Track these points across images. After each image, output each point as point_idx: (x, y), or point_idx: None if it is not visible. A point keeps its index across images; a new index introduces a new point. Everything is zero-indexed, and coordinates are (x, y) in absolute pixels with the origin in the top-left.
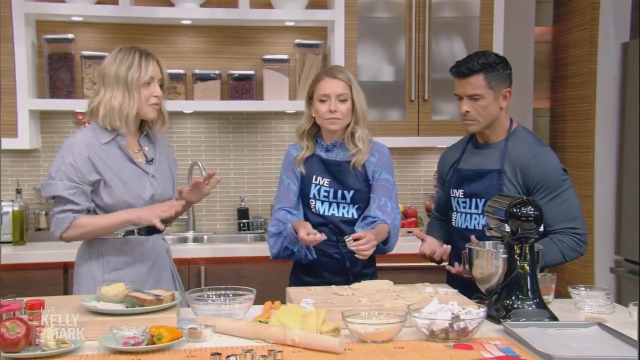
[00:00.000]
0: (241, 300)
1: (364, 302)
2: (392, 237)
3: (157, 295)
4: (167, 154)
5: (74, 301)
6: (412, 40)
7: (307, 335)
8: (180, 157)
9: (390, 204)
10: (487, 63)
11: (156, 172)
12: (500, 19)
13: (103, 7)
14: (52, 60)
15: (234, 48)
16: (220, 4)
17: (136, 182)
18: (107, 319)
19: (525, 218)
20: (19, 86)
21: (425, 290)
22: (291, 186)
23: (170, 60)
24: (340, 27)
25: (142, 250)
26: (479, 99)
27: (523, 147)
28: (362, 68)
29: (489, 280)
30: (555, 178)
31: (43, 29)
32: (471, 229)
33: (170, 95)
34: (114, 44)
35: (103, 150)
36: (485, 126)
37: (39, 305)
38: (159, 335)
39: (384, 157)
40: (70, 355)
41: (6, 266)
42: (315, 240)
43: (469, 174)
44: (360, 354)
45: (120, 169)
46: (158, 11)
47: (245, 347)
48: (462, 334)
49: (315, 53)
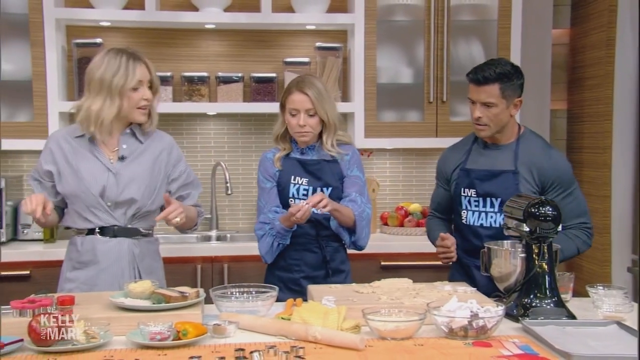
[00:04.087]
0: (264, 297)
1: (384, 300)
2: (360, 228)
3: (182, 292)
4: (157, 157)
5: (103, 297)
6: (431, 43)
7: (328, 332)
8: (204, 158)
9: (361, 198)
10: (503, 73)
11: (123, 171)
12: (517, 22)
13: (130, 12)
14: (81, 64)
15: (256, 51)
16: (243, 9)
17: (90, 177)
18: (134, 315)
19: (543, 218)
20: (49, 89)
21: (444, 289)
22: (274, 188)
23: (195, 64)
24: (360, 30)
25: (97, 250)
26: (492, 107)
27: (536, 149)
28: (382, 70)
29: (507, 279)
30: (568, 176)
31: (73, 34)
32: (486, 226)
33: (194, 97)
34: (140, 47)
35: (70, 143)
36: (495, 131)
37: (69, 300)
38: (185, 331)
39: (355, 155)
40: (100, 349)
41: (37, 263)
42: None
43: (481, 174)
44: (380, 350)
45: (78, 162)
46: (183, 16)
47: (268, 343)
48: (481, 332)
49: (335, 56)
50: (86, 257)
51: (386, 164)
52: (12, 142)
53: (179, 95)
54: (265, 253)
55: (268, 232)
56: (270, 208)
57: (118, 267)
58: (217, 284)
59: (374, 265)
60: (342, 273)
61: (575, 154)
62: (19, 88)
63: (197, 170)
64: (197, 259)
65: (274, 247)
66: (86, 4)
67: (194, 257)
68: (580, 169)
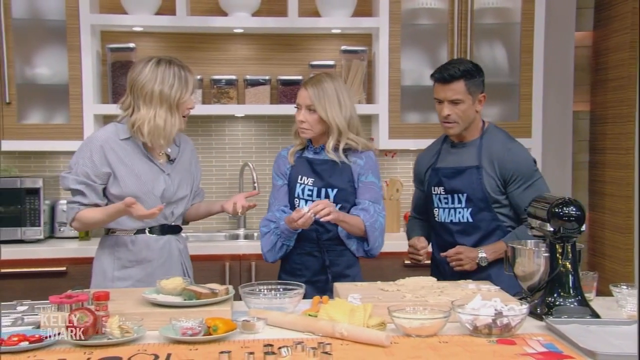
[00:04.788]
0: (291, 294)
1: (409, 297)
2: (372, 238)
3: (212, 289)
4: (190, 158)
5: (136, 293)
6: (454, 46)
7: (354, 328)
8: (232, 159)
9: (374, 207)
10: (467, 70)
11: (173, 172)
12: (540, 25)
13: (162, 18)
14: (115, 68)
15: (283, 55)
16: (270, 13)
17: (149, 178)
18: (166, 311)
19: (567, 218)
20: (84, 92)
21: (468, 287)
22: (284, 186)
23: (223, 67)
24: (385, 34)
25: (152, 249)
26: (460, 104)
27: (497, 142)
28: (406, 73)
29: (531, 278)
30: (528, 169)
31: (107, 39)
32: (455, 222)
33: (222, 99)
34: (171, 52)
35: (119, 145)
36: (464, 128)
37: (105, 296)
38: (215, 327)
39: (370, 161)
40: (133, 343)
41: (73, 260)
42: (306, 218)
43: (448, 172)
44: (405, 347)
45: (134, 164)
46: (213, 20)
47: (295, 339)
48: (505, 330)
49: (360, 59)
50: (140, 255)
51: (410, 164)
52: (49, 144)
53: (208, 97)
54: (267, 251)
55: (273, 231)
56: (278, 207)
57: (170, 263)
58: (245, 281)
59: (397, 263)
60: (347, 278)
61: (598, 155)
62: (56, 91)
63: (225, 170)
64: (225, 256)
65: (277, 246)
66: (120, 10)
67: (222, 255)
68: (603, 170)
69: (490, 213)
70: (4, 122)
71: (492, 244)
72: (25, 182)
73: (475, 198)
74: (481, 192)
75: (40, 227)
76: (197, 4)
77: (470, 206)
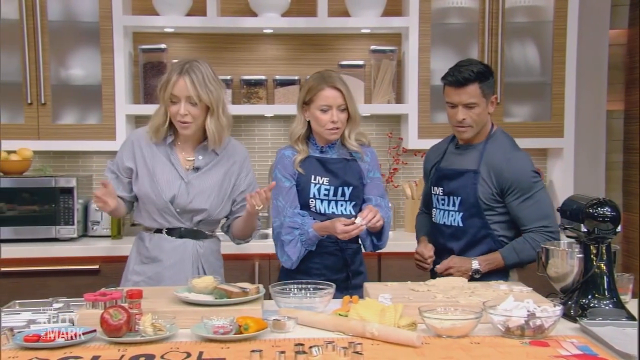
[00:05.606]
0: (322, 294)
1: (440, 298)
2: (386, 233)
3: (243, 288)
4: (229, 170)
5: (168, 292)
6: (485, 45)
7: (385, 328)
8: (261, 158)
9: (384, 202)
10: (480, 72)
11: (195, 181)
12: (574, 23)
13: (193, 19)
14: (146, 69)
15: (312, 55)
16: (300, 14)
17: (164, 182)
18: (198, 309)
19: (601, 219)
20: (117, 93)
21: (500, 288)
22: (293, 187)
23: (253, 67)
24: (415, 33)
25: (164, 249)
26: (474, 107)
27: (499, 150)
28: (435, 72)
29: (564, 280)
30: (526, 180)
31: (139, 40)
32: (448, 224)
33: (252, 99)
34: (201, 52)
35: (149, 145)
36: (477, 132)
37: (138, 294)
38: (246, 326)
39: (374, 157)
40: (166, 341)
41: (106, 258)
42: (360, 229)
43: (448, 173)
44: (437, 348)
45: (154, 166)
46: (243, 21)
47: (326, 338)
48: (538, 331)
49: (389, 58)
50: (153, 253)
51: None
52: (82, 144)
53: (237, 97)
54: (296, 259)
55: (298, 238)
56: (293, 211)
57: (181, 265)
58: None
59: None
60: (361, 275)
61: (632, 155)
62: (89, 92)
63: (254, 170)
64: (255, 256)
65: (301, 253)
66: (152, 12)
67: (252, 255)
68: (637, 170)
69: (481, 220)
70: (39, 123)
71: (487, 255)
72: (60, 181)
73: (467, 203)
74: (474, 198)
75: (74, 225)
76: (227, 5)
77: (462, 210)
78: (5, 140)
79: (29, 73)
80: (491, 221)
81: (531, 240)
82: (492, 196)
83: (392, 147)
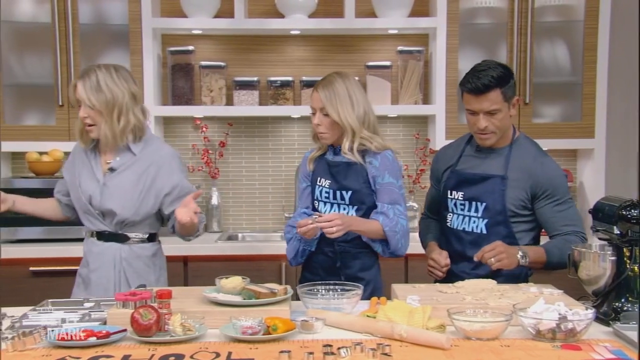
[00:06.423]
0: (349, 295)
1: (469, 300)
2: (394, 242)
3: (271, 288)
4: (148, 170)
5: (197, 292)
6: (514, 45)
7: (414, 330)
8: (288, 159)
9: (394, 209)
10: (500, 77)
11: (110, 182)
12: (606, 22)
13: (220, 21)
14: (175, 71)
15: (339, 56)
16: (327, 15)
17: (84, 184)
18: (226, 310)
19: (635, 220)
20: (146, 94)
21: (530, 290)
22: (308, 188)
23: (280, 68)
24: (442, 33)
25: (91, 253)
26: (496, 113)
27: (528, 155)
28: (463, 73)
29: (596, 282)
30: (561, 184)
31: (167, 42)
32: (468, 231)
33: (279, 100)
34: (229, 54)
35: (81, 151)
36: (500, 137)
37: (168, 294)
38: (274, 326)
39: (386, 161)
40: (195, 341)
41: None
42: (308, 228)
43: (470, 177)
44: (466, 350)
45: (81, 170)
46: (270, 23)
47: (354, 339)
48: (570, 335)
49: (417, 59)
50: (85, 256)
51: None
52: None
53: (264, 99)
54: (292, 257)
55: (295, 236)
56: (300, 210)
57: (104, 269)
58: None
59: None
60: (361, 281)
61: None
62: None
63: (281, 171)
64: (282, 257)
65: (299, 251)
66: (180, 14)
67: (278, 255)
68: None
69: (506, 228)
70: (70, 124)
71: (532, 247)
72: None
73: (493, 209)
74: (501, 205)
75: None
76: (254, 7)
77: (487, 217)
78: (37, 141)
79: (61, 75)
80: (516, 229)
81: (571, 241)
82: (522, 202)
83: (419, 148)
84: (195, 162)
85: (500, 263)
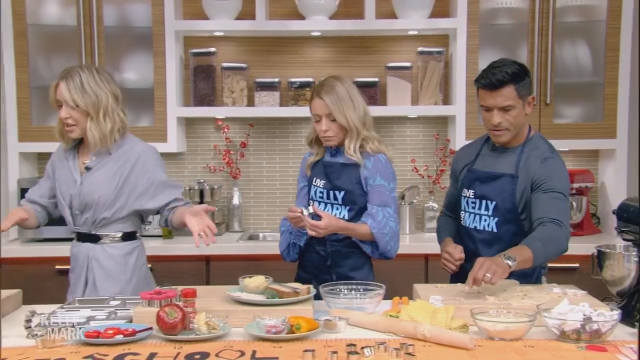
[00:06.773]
0: (372, 295)
1: (492, 300)
2: (383, 243)
3: (295, 287)
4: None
5: (221, 291)
6: (535, 46)
7: (437, 330)
8: None
9: (383, 212)
10: (515, 73)
11: (86, 181)
12: (628, 22)
13: (242, 23)
14: (197, 72)
15: (360, 57)
16: (347, 16)
17: (64, 186)
18: (250, 309)
19: None
20: (168, 96)
21: (553, 291)
22: (305, 188)
23: (300, 69)
24: (463, 34)
25: (72, 253)
26: (510, 110)
27: (536, 154)
28: None
29: (621, 283)
30: (559, 180)
31: (189, 44)
32: (480, 229)
33: (299, 101)
34: (250, 55)
35: (60, 154)
36: (514, 135)
37: (192, 293)
38: (298, 325)
39: (379, 164)
40: (220, 339)
41: (157, 257)
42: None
43: (482, 176)
44: (490, 350)
45: (60, 171)
46: (291, 24)
47: (377, 339)
48: (595, 336)
49: (437, 60)
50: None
51: None
52: None
53: (285, 99)
54: (283, 250)
55: (287, 229)
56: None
57: (78, 269)
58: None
59: None
60: (352, 280)
61: None
62: (142, 95)
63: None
64: None
65: (290, 245)
66: (202, 16)
67: None
68: None
69: (517, 226)
70: None
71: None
72: None
73: (503, 208)
74: (511, 203)
75: None
76: (275, 9)
77: (497, 215)
78: None
79: None
80: (527, 228)
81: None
82: (530, 200)
83: (439, 149)
84: (217, 162)
85: (496, 275)
